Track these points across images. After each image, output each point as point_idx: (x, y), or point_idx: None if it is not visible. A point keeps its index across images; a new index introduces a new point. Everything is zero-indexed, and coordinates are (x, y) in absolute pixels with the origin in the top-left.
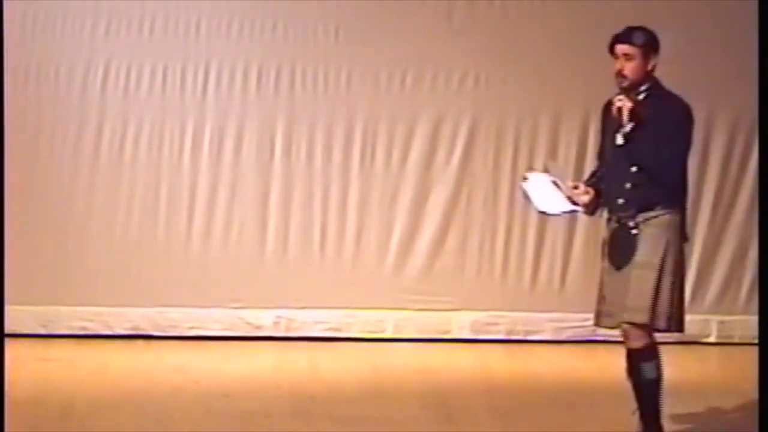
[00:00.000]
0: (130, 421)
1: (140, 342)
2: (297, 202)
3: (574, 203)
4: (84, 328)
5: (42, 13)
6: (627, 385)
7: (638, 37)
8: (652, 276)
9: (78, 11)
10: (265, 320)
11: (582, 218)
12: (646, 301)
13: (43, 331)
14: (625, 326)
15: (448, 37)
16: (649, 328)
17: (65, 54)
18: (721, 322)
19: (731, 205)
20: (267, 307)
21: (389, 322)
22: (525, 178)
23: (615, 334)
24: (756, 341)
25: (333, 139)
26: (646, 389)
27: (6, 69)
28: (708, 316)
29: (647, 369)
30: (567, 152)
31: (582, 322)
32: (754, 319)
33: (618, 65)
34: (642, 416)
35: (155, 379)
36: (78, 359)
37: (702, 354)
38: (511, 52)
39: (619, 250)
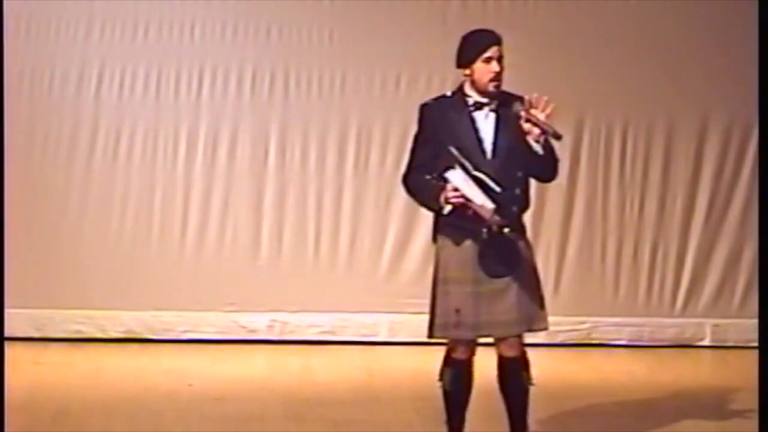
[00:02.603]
0: (124, 424)
1: (134, 345)
2: (291, 206)
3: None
4: (78, 332)
5: (36, 16)
6: (621, 388)
7: (500, 37)
8: (536, 280)
9: (72, 15)
10: (259, 323)
11: (577, 222)
12: (543, 308)
13: (37, 335)
14: (511, 338)
15: (442, 39)
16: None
17: (59, 58)
18: (716, 326)
19: (725, 208)
20: (261, 311)
21: (383, 326)
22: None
23: (611, 337)
24: (750, 344)
25: (327, 143)
26: (524, 396)
27: None
28: (702, 320)
29: (527, 377)
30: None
31: (576, 325)
32: (748, 323)
33: (496, 68)
34: (513, 425)
35: (149, 383)
36: (72, 362)
37: (696, 357)
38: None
39: (496, 258)
